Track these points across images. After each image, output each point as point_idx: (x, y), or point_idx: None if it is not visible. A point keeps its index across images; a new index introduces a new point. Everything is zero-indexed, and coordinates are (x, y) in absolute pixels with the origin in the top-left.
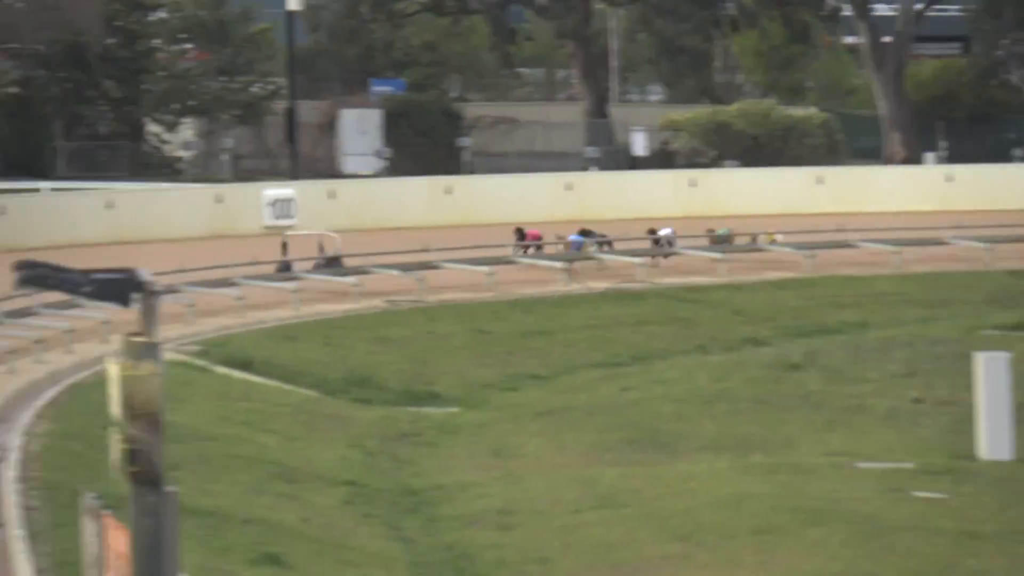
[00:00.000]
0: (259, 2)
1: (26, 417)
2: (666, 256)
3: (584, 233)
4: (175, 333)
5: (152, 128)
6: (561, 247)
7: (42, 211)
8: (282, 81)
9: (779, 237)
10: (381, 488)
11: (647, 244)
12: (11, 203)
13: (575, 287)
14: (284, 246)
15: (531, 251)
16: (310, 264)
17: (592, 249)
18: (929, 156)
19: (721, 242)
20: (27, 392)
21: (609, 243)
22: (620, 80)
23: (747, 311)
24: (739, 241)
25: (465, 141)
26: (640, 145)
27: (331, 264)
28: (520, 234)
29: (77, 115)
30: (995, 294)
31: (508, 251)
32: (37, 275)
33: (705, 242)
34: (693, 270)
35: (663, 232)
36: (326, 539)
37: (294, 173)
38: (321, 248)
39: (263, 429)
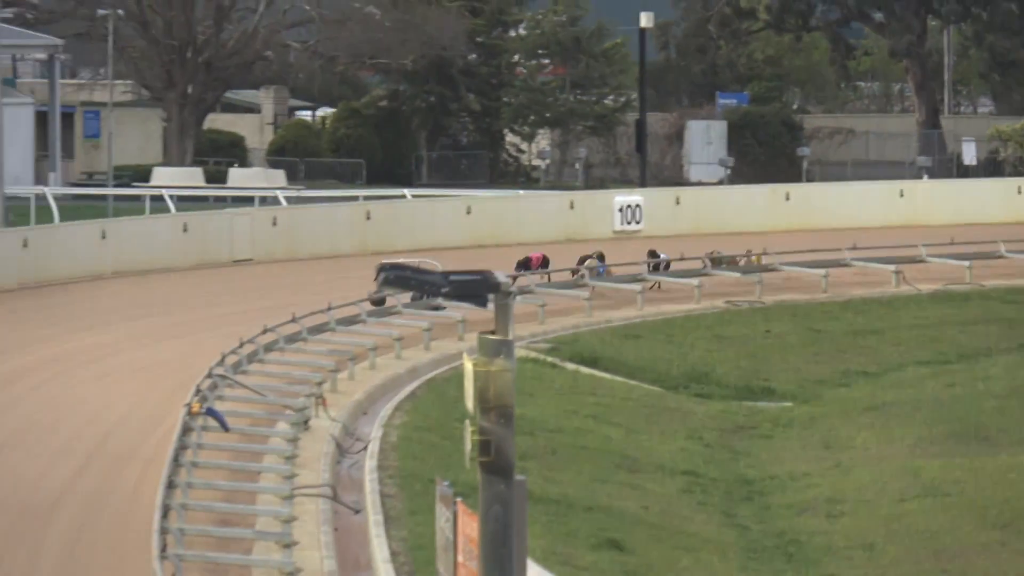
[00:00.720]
0: (612, 19)
1: (385, 410)
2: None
3: (600, 257)
4: (527, 331)
5: (510, 139)
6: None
7: (406, 216)
8: (633, 94)
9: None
10: (717, 478)
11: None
12: (377, 209)
13: (904, 288)
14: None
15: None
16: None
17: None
18: None
19: (719, 263)
20: (387, 386)
21: (667, 265)
22: (952, 93)
23: None
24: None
25: (804, 151)
26: (970, 155)
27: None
28: (525, 263)
29: (440, 126)
30: None
31: (843, 255)
32: (399, 277)
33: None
34: (1020, 273)
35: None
36: (664, 525)
37: (643, 181)
38: None
39: (608, 422)
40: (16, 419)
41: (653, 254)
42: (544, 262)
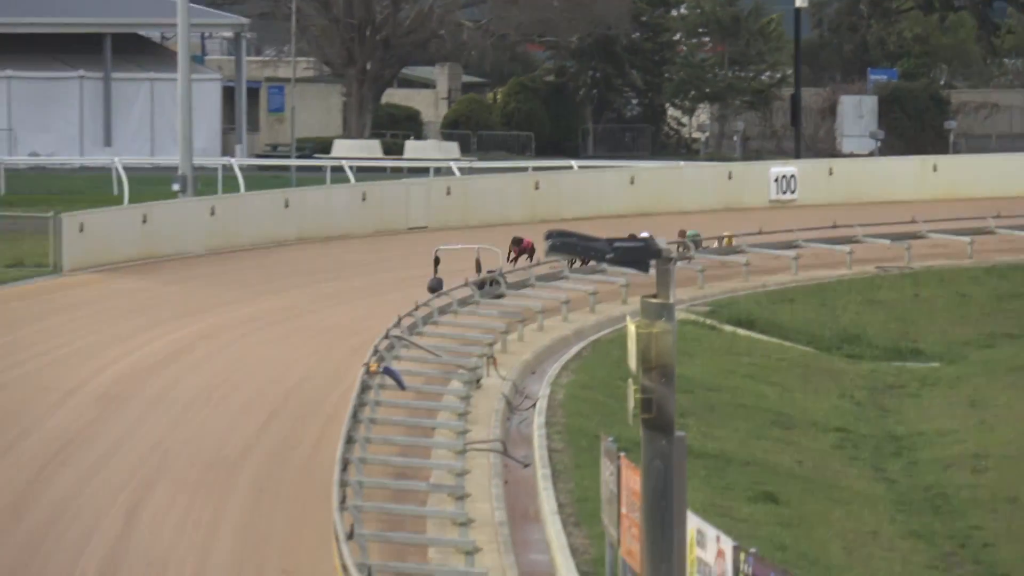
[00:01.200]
0: None
1: (553, 369)
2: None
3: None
4: (687, 295)
5: (671, 112)
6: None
7: (572, 186)
8: (788, 70)
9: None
10: (867, 434)
11: None
12: (545, 179)
13: None
14: (436, 262)
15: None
16: (464, 280)
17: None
18: None
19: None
20: (554, 347)
21: (698, 244)
22: None
23: None
24: (706, 244)
25: (951, 124)
26: None
27: (489, 285)
28: (516, 243)
29: (605, 101)
30: None
31: (987, 223)
32: (565, 244)
33: None
34: None
35: None
36: (817, 479)
37: (797, 153)
38: (479, 265)
39: (763, 381)
40: (205, 377)
41: (682, 234)
42: (532, 249)
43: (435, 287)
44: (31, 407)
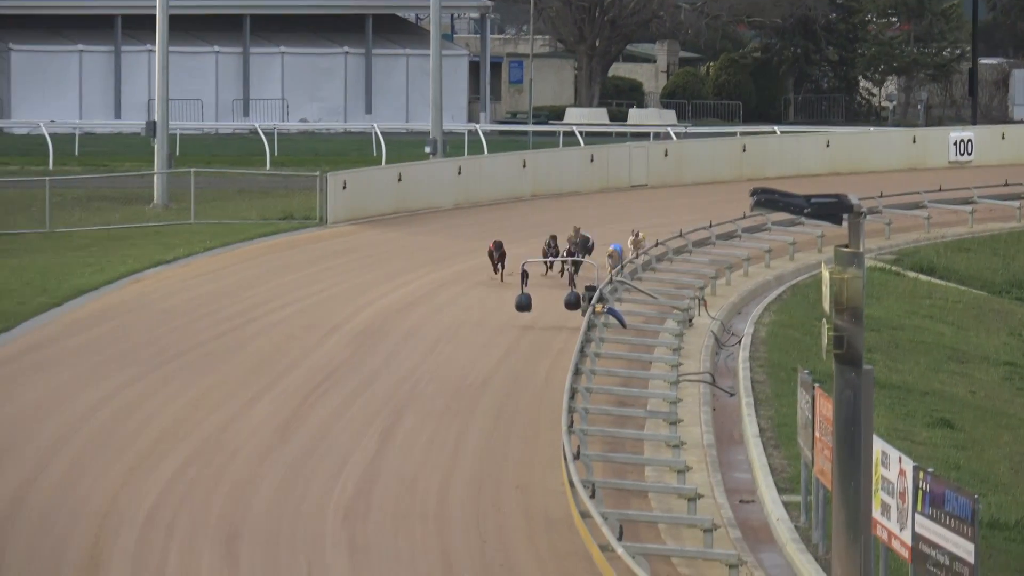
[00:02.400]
0: None
1: (756, 310)
2: None
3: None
4: (875, 245)
5: (863, 84)
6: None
7: (775, 149)
8: (966, 47)
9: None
10: None
11: None
12: (751, 143)
13: None
14: (524, 276)
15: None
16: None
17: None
18: None
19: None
20: (757, 291)
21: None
22: None
23: None
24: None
25: None
26: None
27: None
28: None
29: (804, 74)
30: None
31: None
32: (768, 199)
33: None
34: None
35: None
36: (988, 408)
37: (974, 119)
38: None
39: (941, 321)
40: (450, 317)
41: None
42: (501, 248)
43: (523, 305)
44: (299, 343)
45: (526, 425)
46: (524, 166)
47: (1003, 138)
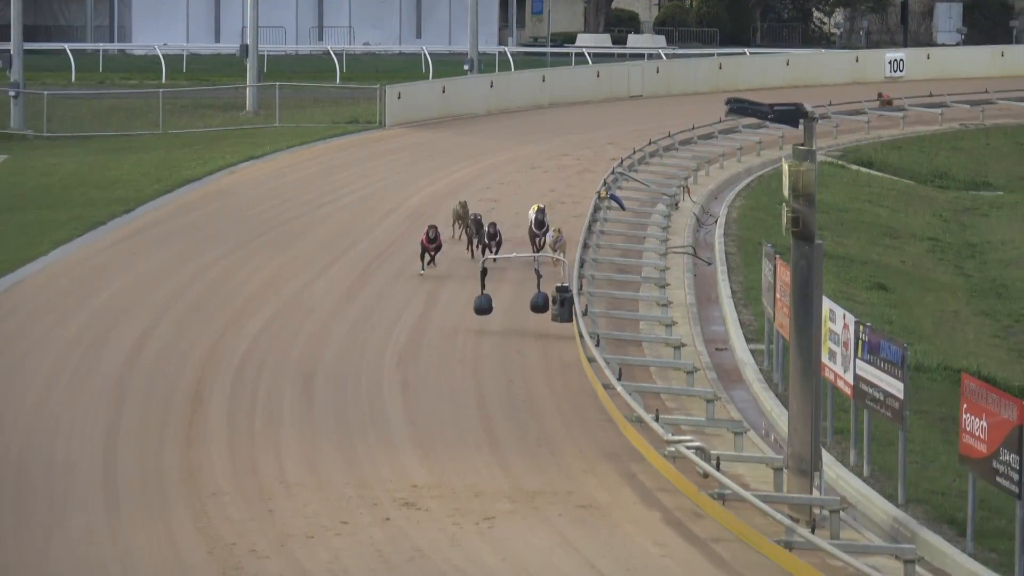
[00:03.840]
0: None
1: (729, 196)
2: None
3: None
4: (824, 144)
5: (816, 15)
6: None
7: (745, 67)
8: None
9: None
10: (951, 242)
11: None
12: (726, 62)
13: None
14: (483, 275)
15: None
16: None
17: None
18: None
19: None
20: (730, 180)
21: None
22: None
23: None
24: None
25: (1015, 23)
26: None
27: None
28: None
29: (768, 6)
30: None
31: None
32: (740, 107)
33: None
34: None
35: None
36: (915, 274)
37: (905, 43)
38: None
39: (878, 204)
40: (487, 199)
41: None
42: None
43: (483, 308)
44: (361, 223)
45: (547, 285)
46: (543, 80)
47: (928, 58)
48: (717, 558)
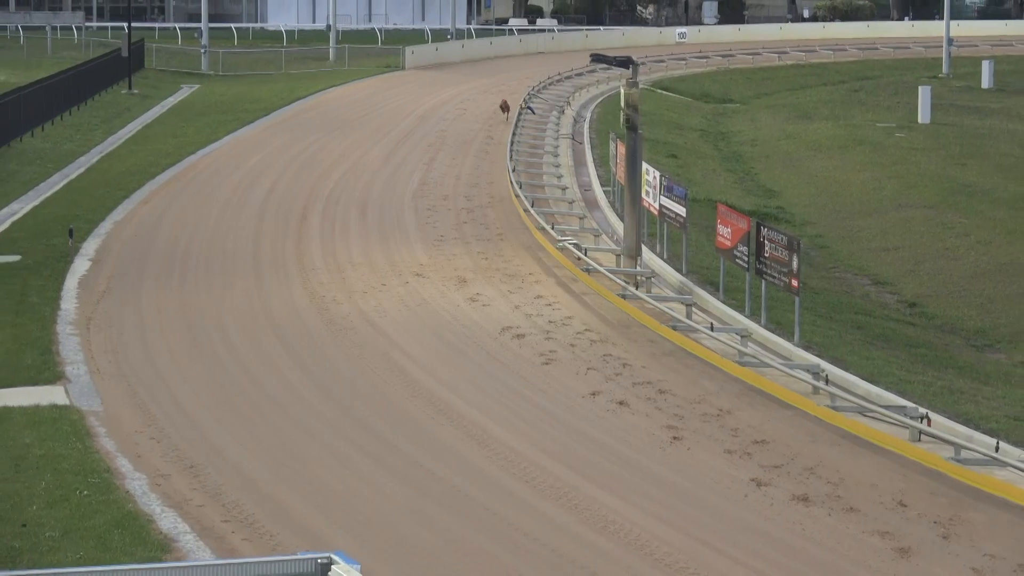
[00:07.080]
0: None
1: (592, 107)
2: None
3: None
4: (645, 80)
5: (639, 8)
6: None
7: (602, 37)
8: None
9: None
10: (712, 131)
11: None
12: (590, 33)
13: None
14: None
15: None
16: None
17: None
18: None
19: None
20: (593, 99)
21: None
22: None
23: None
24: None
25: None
26: None
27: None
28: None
29: (613, 2)
30: None
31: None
32: (597, 58)
33: None
34: None
35: None
36: (691, 149)
37: (686, 23)
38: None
39: (672, 111)
40: (462, 109)
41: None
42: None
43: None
44: (392, 121)
45: (494, 156)
46: (491, 44)
47: (699, 31)
48: (585, 302)
